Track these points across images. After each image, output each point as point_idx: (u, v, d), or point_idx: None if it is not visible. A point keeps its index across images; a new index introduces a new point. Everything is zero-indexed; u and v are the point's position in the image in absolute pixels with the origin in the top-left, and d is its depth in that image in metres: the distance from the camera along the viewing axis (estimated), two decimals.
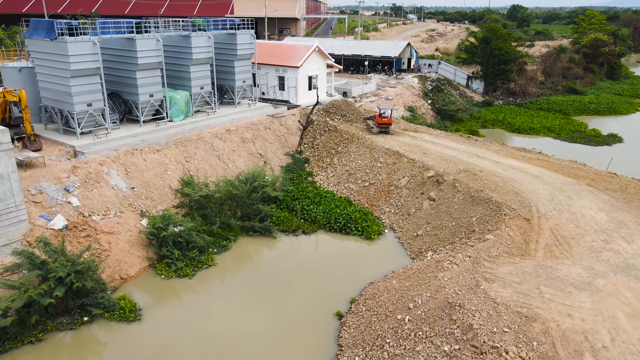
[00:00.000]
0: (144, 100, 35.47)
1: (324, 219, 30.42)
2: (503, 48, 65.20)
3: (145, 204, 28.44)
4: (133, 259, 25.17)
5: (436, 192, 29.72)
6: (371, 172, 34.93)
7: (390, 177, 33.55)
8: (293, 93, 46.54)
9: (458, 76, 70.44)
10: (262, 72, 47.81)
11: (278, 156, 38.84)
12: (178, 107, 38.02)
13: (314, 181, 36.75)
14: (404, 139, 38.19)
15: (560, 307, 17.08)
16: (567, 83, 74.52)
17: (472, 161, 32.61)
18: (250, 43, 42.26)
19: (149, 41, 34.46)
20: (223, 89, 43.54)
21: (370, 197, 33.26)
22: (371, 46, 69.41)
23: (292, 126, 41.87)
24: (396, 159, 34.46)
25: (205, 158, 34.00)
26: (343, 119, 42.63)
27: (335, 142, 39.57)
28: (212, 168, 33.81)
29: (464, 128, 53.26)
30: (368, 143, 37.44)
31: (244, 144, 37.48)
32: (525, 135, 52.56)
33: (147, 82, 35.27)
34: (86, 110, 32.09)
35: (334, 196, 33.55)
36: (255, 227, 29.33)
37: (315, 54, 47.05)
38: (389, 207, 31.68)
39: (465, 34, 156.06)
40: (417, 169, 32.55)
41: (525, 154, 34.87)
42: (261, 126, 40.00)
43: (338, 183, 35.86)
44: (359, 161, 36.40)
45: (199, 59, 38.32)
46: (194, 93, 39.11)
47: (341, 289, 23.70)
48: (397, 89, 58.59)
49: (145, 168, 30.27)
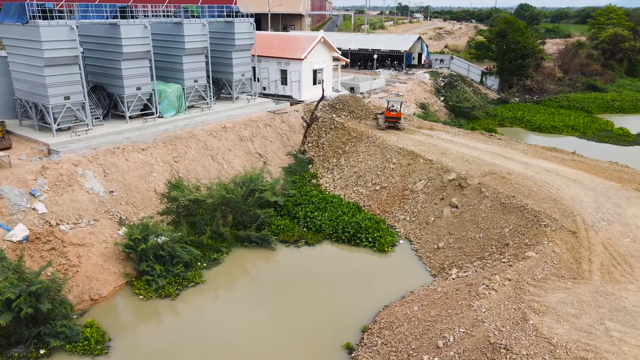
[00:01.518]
0: (130, 94, 31.87)
1: (330, 228, 26.68)
2: (520, 42, 61.21)
3: (125, 211, 24.80)
4: (107, 275, 21.52)
5: (459, 198, 25.91)
6: (383, 174, 31.15)
7: (405, 180, 29.77)
8: (296, 88, 42.85)
9: (472, 72, 66.53)
10: (262, 64, 44.15)
11: (279, 156, 35.14)
12: (169, 102, 34.40)
13: (319, 184, 33.02)
14: (419, 138, 34.39)
15: (636, 350, 13.27)
16: (587, 80, 70.39)
17: (497, 162, 28.77)
18: (249, 32, 38.60)
19: (136, 28, 30.86)
20: (220, 82, 39.89)
21: (382, 202, 29.50)
22: (379, 40, 65.60)
23: (294, 123, 38.18)
24: (411, 160, 30.68)
25: (197, 158, 30.34)
26: (351, 115, 38.88)
27: (343, 141, 35.83)
28: (205, 169, 30.14)
29: (480, 126, 49.40)
30: (379, 142, 33.67)
31: (241, 143, 33.81)
32: (547, 134, 48.60)
33: (133, 73, 31.66)
34: (63, 104, 28.51)
35: (341, 201, 29.81)
36: (251, 237, 25.64)
37: (320, 45, 43.35)
38: (403, 214, 27.91)
39: (473, 32, 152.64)
40: (436, 171, 28.75)
41: (557, 154, 30.98)
42: (261, 123, 36.32)
43: (345, 186, 32.12)
44: (369, 162, 32.63)
45: (192, 48, 34.69)
46: (187, 86, 35.48)
47: (351, 313, 19.97)
48: (407, 84, 54.78)
49: (128, 169, 26.64)
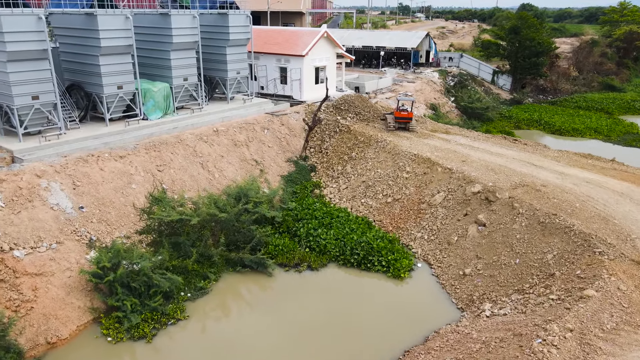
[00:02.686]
0: (110, 93, 28.26)
1: (336, 249, 23.03)
2: (535, 39, 57.58)
3: (97, 230, 21.16)
4: (69, 311, 17.88)
5: (486, 215, 22.25)
6: (395, 184, 27.51)
7: (421, 192, 26.13)
8: (297, 87, 39.23)
9: (482, 71, 62.93)
10: (260, 62, 40.53)
11: (278, 163, 31.50)
12: (154, 102, 30.77)
13: (322, 195, 29.38)
14: (435, 142, 30.74)
15: None
16: (604, 79, 66.75)
17: (528, 172, 25.13)
18: (245, 26, 34.99)
19: (115, 18, 27.25)
20: (213, 81, 36.27)
21: (395, 217, 25.86)
22: (385, 37, 61.99)
23: (295, 126, 34.55)
24: (427, 168, 27.03)
25: (184, 166, 26.71)
26: (357, 117, 35.24)
27: (348, 146, 32.19)
28: (193, 179, 26.50)
29: (495, 129, 45.78)
30: (390, 147, 30.01)
31: (236, 148, 30.17)
32: (568, 137, 44.95)
33: (113, 70, 28.05)
34: (31, 105, 24.87)
35: (349, 216, 26.16)
36: (244, 261, 21.99)
37: (323, 40, 39.73)
38: (420, 232, 24.27)
39: (477, 31, 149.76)
40: (457, 182, 25.10)
41: (595, 162, 27.34)
42: (258, 126, 32.69)
43: (353, 197, 28.48)
44: (379, 170, 28.99)
45: (181, 43, 31.07)
46: (176, 85, 31.84)
47: (364, 359, 16.36)
48: (416, 84, 51.15)
49: (102, 180, 23.00)
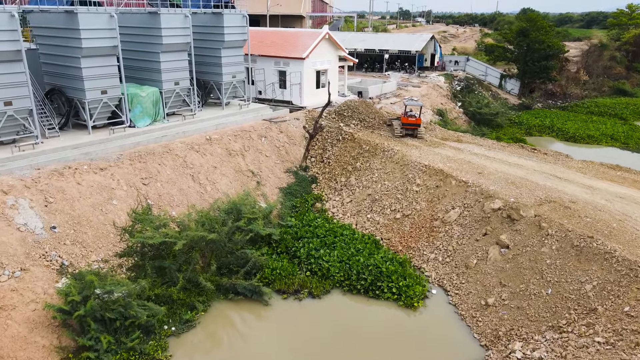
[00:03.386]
0: (93, 99, 25.87)
1: (340, 273, 20.56)
2: (545, 41, 55.29)
3: (71, 253, 18.71)
4: (32, 351, 15.40)
5: (509, 235, 19.81)
6: (404, 198, 25.08)
7: (433, 207, 23.68)
8: (297, 92, 36.87)
9: (489, 75, 60.61)
10: (258, 65, 38.19)
11: (276, 174, 29.09)
12: (142, 109, 28.40)
13: (324, 209, 26.94)
14: (446, 152, 28.33)
15: None
16: (615, 84, 64.44)
17: (553, 185, 22.69)
18: (241, 27, 32.67)
19: (98, 17, 24.92)
20: (207, 86, 33.92)
21: (405, 235, 23.42)
22: (389, 40, 59.71)
23: (295, 134, 32.15)
24: (440, 181, 24.60)
25: (173, 179, 24.29)
26: (361, 124, 32.86)
27: (352, 155, 29.78)
28: (182, 193, 24.07)
29: (505, 136, 43.41)
30: (398, 157, 27.60)
31: (230, 158, 27.76)
32: (583, 144, 42.54)
33: (97, 73, 25.69)
34: (3, 112, 22.52)
35: (354, 234, 23.71)
36: (237, 288, 19.52)
37: (324, 42, 37.42)
38: (434, 253, 21.81)
39: (478, 35, 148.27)
40: (474, 197, 22.67)
41: (624, 174, 24.91)
42: (254, 134, 30.31)
43: (358, 212, 26.05)
44: (386, 182, 26.57)
45: (171, 44, 28.74)
46: (166, 90, 29.47)
47: None
48: (421, 88, 48.81)
49: (79, 196, 20.57)
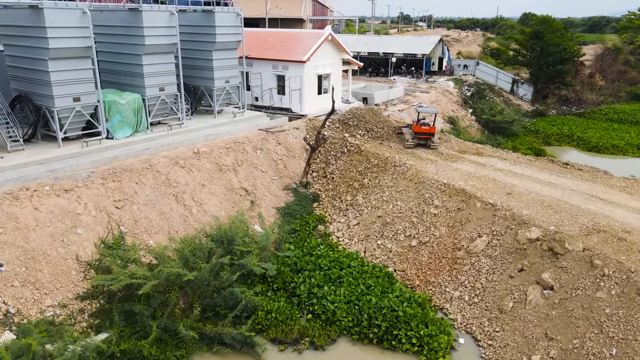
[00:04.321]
0: (64, 107, 22.57)
1: (348, 317, 17.13)
2: (560, 44, 52.06)
3: (20, 297, 15.31)
4: None
5: (553, 273, 16.41)
6: (421, 222, 21.69)
7: (456, 234, 20.30)
8: (296, 98, 33.58)
9: (500, 80, 57.39)
10: (254, 69, 34.91)
11: (273, 192, 25.71)
12: (121, 118, 25.08)
13: (328, 233, 23.54)
14: (466, 167, 24.97)
15: None
16: (632, 89, 61.17)
17: (597, 210, 19.30)
18: (235, 27, 29.41)
19: (69, 13, 21.66)
20: (198, 91, 30.63)
21: (423, 266, 20.02)
22: (395, 42, 56.51)
23: (294, 145, 28.82)
24: (462, 203, 21.22)
25: (152, 200, 20.91)
26: (369, 134, 29.53)
27: (359, 170, 26.43)
28: (163, 217, 20.69)
29: (522, 145, 40.12)
30: (411, 173, 24.23)
31: (221, 175, 24.41)
32: (607, 155, 39.19)
33: (67, 78, 22.42)
34: None
35: (362, 264, 20.30)
36: (224, 337, 16.11)
37: (327, 44, 34.16)
38: (459, 290, 18.41)
39: (481, 39, 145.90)
40: (504, 223, 19.29)
41: None
42: (249, 146, 26.98)
43: (366, 237, 22.66)
44: (399, 203, 23.19)
45: (155, 45, 25.47)
46: (150, 97, 26.17)
47: None
48: (430, 94, 45.54)
49: (35, 224, 17.20)
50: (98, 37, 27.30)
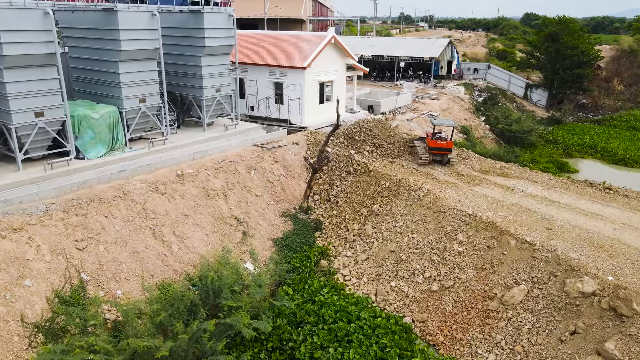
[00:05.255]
0: (24, 123, 19.28)
1: None
2: (578, 46, 48.72)
3: None
4: None
5: (620, 342, 13.06)
6: (442, 261, 18.34)
7: (486, 279, 16.95)
8: (296, 108, 30.24)
9: (513, 84, 54.07)
10: (249, 75, 31.58)
11: (268, 219, 22.35)
12: (94, 134, 21.76)
13: (333, 270, 20.18)
14: (492, 192, 21.60)
15: None
16: None
17: None
18: (227, 29, 26.11)
19: (27, 14, 18.34)
20: (185, 102, 27.31)
21: (447, 317, 16.67)
22: (400, 45, 53.13)
23: (293, 163, 25.48)
24: (492, 239, 17.87)
25: (123, 237, 17.55)
26: (377, 151, 26.18)
27: (368, 194, 23.08)
28: (136, 258, 17.32)
29: (541, 157, 36.77)
30: (429, 200, 20.86)
31: (208, 201, 21.05)
32: (636, 169, 35.85)
33: (27, 90, 19.13)
34: None
35: (375, 316, 16.93)
36: None
37: (330, 48, 30.83)
38: (494, 352, 15.05)
39: (484, 40, 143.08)
40: (546, 267, 15.95)
41: None
42: (242, 165, 23.63)
43: (377, 277, 19.31)
44: (415, 235, 19.83)
45: (133, 50, 22.15)
46: (128, 109, 22.86)
47: None
48: (441, 101, 42.20)
49: None
50: (69, 41, 24.12)
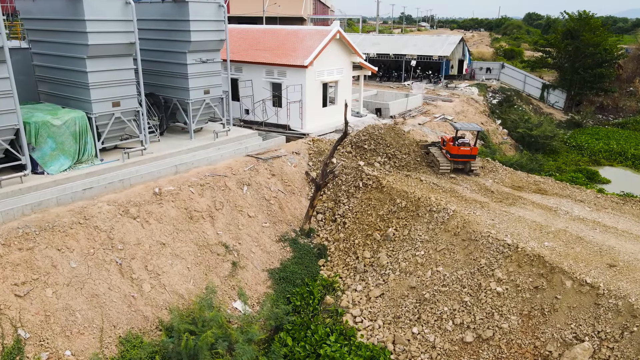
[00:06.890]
0: None
1: None
2: (601, 44, 45.23)
3: None
4: None
5: None
6: (477, 303, 14.84)
7: (535, 330, 13.45)
8: (296, 112, 26.77)
9: (528, 85, 50.56)
10: (243, 75, 28.11)
11: (263, 245, 18.84)
12: (55, 145, 18.27)
13: (341, 311, 16.67)
14: (532, 214, 18.08)
15: None
16: None
17: None
18: (217, 22, 22.67)
19: None
20: (170, 105, 23.85)
21: None
22: (408, 43, 49.62)
23: (293, 177, 21.98)
24: (541, 277, 14.37)
25: (80, 276, 14.04)
26: (391, 162, 22.67)
27: (381, 215, 19.57)
28: (96, 304, 13.80)
29: (567, 166, 33.37)
30: (455, 224, 17.35)
31: (191, 225, 17.55)
32: None
33: None
34: None
35: None
36: None
37: (334, 45, 27.38)
38: None
39: (488, 39, 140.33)
40: (616, 318, 12.48)
41: None
42: (233, 180, 20.13)
43: (395, 320, 15.81)
44: (440, 268, 16.34)
45: (104, 45, 18.72)
46: (99, 114, 19.38)
47: None
48: (454, 103, 38.72)
49: None
50: (31, 34, 20.64)
